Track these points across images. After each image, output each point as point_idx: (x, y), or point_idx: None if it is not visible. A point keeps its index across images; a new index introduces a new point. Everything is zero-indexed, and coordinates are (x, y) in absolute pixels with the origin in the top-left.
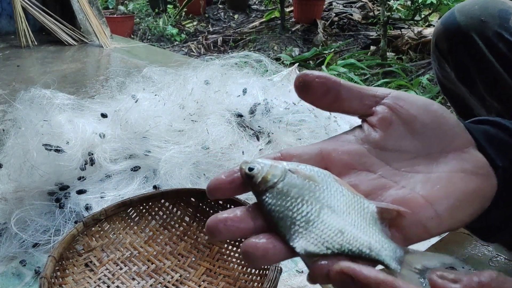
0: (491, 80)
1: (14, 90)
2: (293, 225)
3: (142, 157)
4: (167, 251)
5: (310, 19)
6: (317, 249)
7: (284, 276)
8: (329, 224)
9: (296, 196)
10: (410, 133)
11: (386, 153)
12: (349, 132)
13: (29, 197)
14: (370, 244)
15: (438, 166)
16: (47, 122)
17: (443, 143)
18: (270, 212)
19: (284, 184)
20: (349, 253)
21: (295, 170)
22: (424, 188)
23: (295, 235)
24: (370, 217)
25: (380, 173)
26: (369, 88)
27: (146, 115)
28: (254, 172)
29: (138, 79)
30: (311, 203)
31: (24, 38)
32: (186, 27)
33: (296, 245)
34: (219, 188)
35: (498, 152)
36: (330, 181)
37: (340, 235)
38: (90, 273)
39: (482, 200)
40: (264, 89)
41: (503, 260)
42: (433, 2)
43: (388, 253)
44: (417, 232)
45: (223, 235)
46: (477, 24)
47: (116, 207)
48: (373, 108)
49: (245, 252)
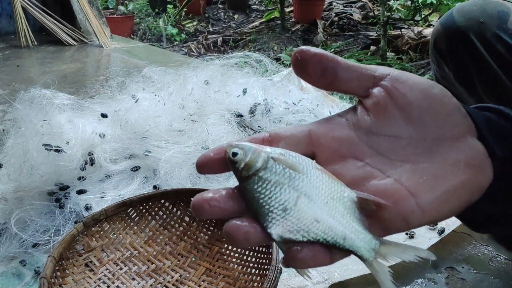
0: (489, 81)
1: (14, 90)
2: (270, 212)
3: (142, 157)
4: (167, 251)
5: (310, 19)
6: (293, 237)
7: (284, 276)
8: (305, 213)
9: (276, 184)
10: (405, 119)
11: (377, 139)
12: (343, 114)
13: (29, 197)
14: (344, 234)
15: (429, 155)
16: (47, 122)
17: (440, 130)
18: (250, 198)
19: (265, 172)
20: (323, 242)
21: (278, 158)
22: (409, 179)
23: (272, 222)
24: (349, 207)
25: (367, 161)
26: (368, 68)
27: (146, 115)
28: (237, 158)
29: (138, 79)
30: (289, 192)
31: (24, 38)
32: (186, 27)
33: (272, 231)
34: (207, 165)
35: (498, 141)
36: (311, 170)
37: (316, 224)
38: (90, 273)
39: (470, 193)
40: (264, 89)
41: (503, 260)
42: (433, 2)
43: (362, 243)
44: (396, 224)
45: (207, 214)
46: (476, 25)
47: (116, 207)
48: (370, 89)
49: (227, 233)
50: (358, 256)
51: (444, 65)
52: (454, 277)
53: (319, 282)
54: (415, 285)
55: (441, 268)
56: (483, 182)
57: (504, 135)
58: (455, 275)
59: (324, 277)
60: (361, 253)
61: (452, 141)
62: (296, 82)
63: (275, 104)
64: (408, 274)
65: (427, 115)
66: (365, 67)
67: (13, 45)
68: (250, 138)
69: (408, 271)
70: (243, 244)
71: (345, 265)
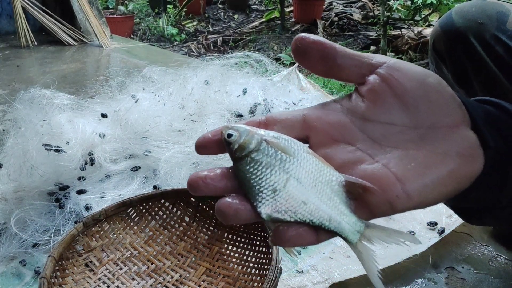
0: (488, 82)
1: (14, 90)
2: (260, 192)
3: (142, 157)
4: (167, 251)
5: (310, 19)
6: (281, 216)
7: (284, 276)
8: (294, 194)
9: (267, 166)
10: (400, 106)
11: (370, 125)
12: (338, 99)
13: (29, 197)
14: (330, 216)
15: (420, 143)
16: (47, 122)
17: (433, 119)
18: (242, 178)
19: (258, 154)
20: (310, 222)
21: (270, 141)
22: (397, 165)
23: (262, 202)
24: (337, 190)
25: (358, 146)
26: (366, 56)
27: (146, 115)
28: (232, 139)
29: (138, 79)
30: (279, 174)
31: (24, 38)
32: (186, 27)
33: (261, 211)
34: (205, 146)
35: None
36: (302, 154)
37: (303, 205)
38: (90, 273)
39: (458, 181)
40: (264, 89)
41: (503, 260)
42: (433, 2)
43: (347, 225)
44: (382, 208)
45: (201, 191)
46: (475, 26)
47: (116, 207)
48: (366, 77)
49: (218, 210)
50: (343, 237)
51: (443, 66)
52: (454, 277)
53: (319, 282)
54: (415, 285)
55: (441, 268)
56: (472, 171)
57: (500, 126)
58: (455, 275)
59: (324, 277)
60: (345, 235)
61: (445, 130)
62: (296, 82)
63: (275, 104)
64: (408, 274)
65: (422, 103)
66: (363, 55)
67: (13, 45)
68: (247, 121)
69: (408, 271)
70: (233, 220)
71: (345, 265)
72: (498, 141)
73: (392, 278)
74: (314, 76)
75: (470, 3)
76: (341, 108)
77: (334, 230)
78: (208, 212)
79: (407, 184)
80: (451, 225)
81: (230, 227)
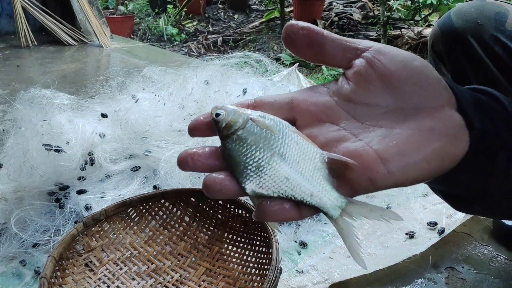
0: (487, 83)
1: (14, 90)
2: (245, 169)
3: (142, 157)
4: (167, 251)
5: (310, 19)
6: (265, 192)
7: (284, 276)
8: (277, 171)
9: (252, 143)
10: (385, 88)
11: (355, 106)
12: (325, 83)
13: (29, 197)
14: (312, 192)
15: (404, 122)
16: (47, 122)
17: (418, 100)
18: (228, 155)
19: (243, 131)
20: (292, 198)
21: (256, 119)
22: (379, 143)
23: (247, 178)
24: (319, 167)
25: (342, 126)
26: (353, 41)
27: (146, 115)
28: (219, 118)
29: (138, 79)
30: (264, 150)
31: (24, 38)
32: (186, 27)
33: (246, 186)
34: (197, 128)
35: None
36: (287, 132)
37: (286, 181)
38: (90, 273)
39: (441, 160)
40: (264, 89)
41: (503, 260)
42: (433, 2)
43: (328, 201)
44: (363, 185)
45: (190, 168)
46: (473, 27)
47: (116, 207)
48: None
49: (204, 185)
50: (324, 213)
51: (442, 66)
52: (454, 277)
53: (319, 282)
54: (415, 285)
55: (441, 268)
56: (456, 151)
57: (489, 110)
58: (455, 275)
59: (324, 277)
60: (327, 210)
61: (430, 111)
62: (296, 82)
63: None
64: (408, 274)
65: (407, 85)
66: (350, 40)
67: (13, 45)
68: (237, 103)
69: (408, 271)
70: (218, 194)
71: (345, 265)
72: (486, 124)
73: (392, 278)
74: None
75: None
76: (328, 90)
77: (315, 205)
78: (208, 212)
79: (389, 161)
80: (451, 225)
81: (230, 227)
